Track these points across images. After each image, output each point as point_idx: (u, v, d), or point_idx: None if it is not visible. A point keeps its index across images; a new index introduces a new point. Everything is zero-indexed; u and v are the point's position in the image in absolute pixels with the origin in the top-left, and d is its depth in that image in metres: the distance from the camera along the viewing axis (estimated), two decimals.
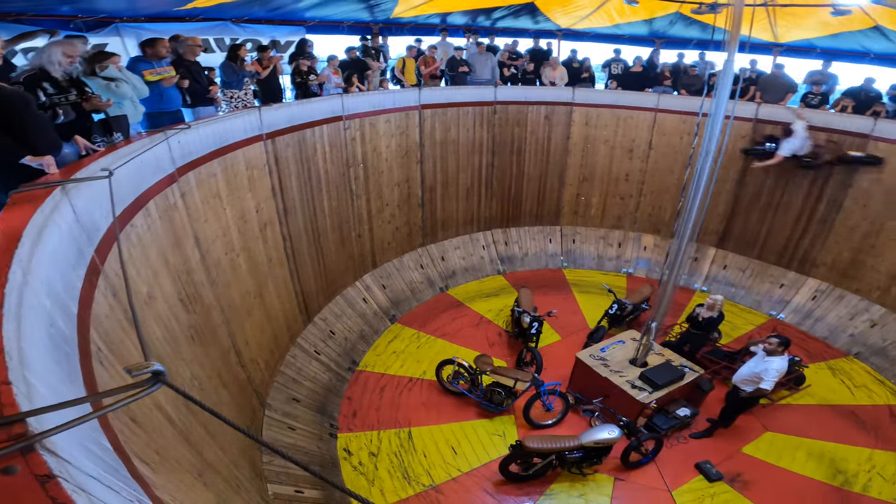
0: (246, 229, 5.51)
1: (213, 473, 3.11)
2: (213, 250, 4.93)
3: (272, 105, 6.04)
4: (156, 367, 1.22)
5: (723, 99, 4.68)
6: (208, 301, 4.75)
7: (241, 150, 5.34)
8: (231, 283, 5.26)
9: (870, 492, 5.43)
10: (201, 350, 4.33)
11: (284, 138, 6.04)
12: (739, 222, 8.85)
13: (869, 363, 7.25)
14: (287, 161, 6.17)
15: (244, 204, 5.45)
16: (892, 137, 7.14)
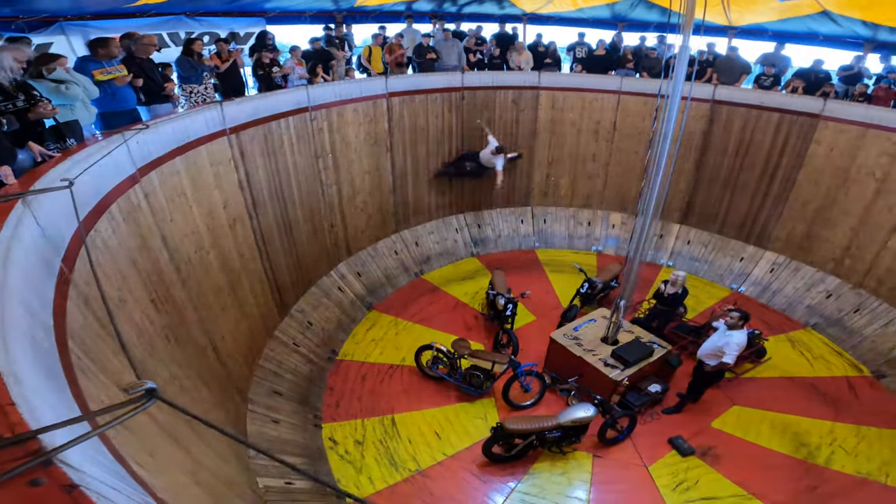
0: (215, 226, 5.43)
1: (204, 471, 3.13)
2: (181, 249, 4.86)
3: (234, 99, 5.90)
4: (149, 384, 1.29)
5: (680, 81, 4.80)
6: (180, 300, 4.69)
7: (205, 146, 5.23)
8: (203, 281, 5.20)
9: (832, 465, 5.64)
10: (178, 349, 4.30)
11: (249, 132, 5.92)
12: (701, 199, 9.21)
13: (826, 334, 7.62)
14: (253, 155, 6.06)
15: (211, 200, 5.36)
16: (840, 117, 7.49)
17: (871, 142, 7.21)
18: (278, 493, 4.59)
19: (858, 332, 7.30)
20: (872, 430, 6.00)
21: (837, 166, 7.61)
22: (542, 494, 5.18)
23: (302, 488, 4.86)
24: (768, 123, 8.17)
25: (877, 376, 6.77)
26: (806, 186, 7.99)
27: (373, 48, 9.02)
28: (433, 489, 5.22)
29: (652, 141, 5.46)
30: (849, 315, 7.56)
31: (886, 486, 5.32)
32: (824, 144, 7.69)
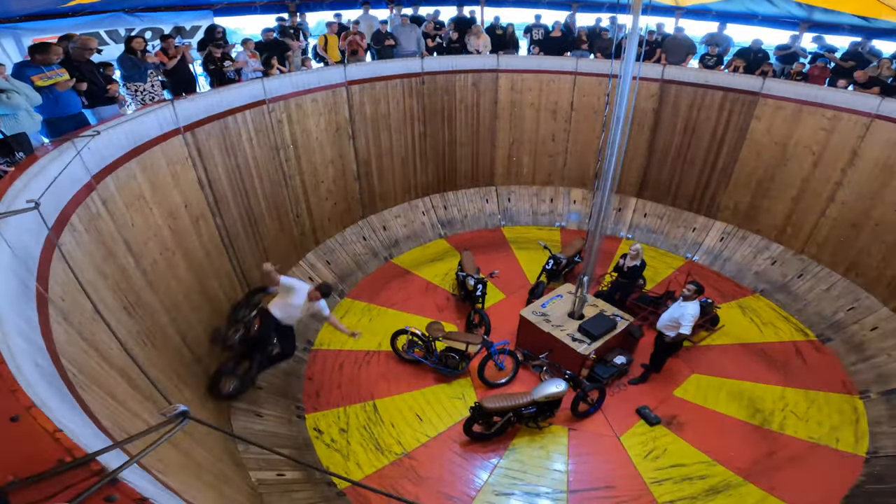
0: (177, 226, 5.35)
1: (206, 472, 3.21)
2: (146, 253, 4.80)
3: (186, 96, 5.73)
4: (181, 407, 1.40)
5: (630, 61, 4.97)
6: (151, 304, 4.66)
7: (159, 146, 5.13)
8: (171, 283, 5.15)
9: (786, 430, 5.92)
10: (156, 353, 4.30)
11: (205, 129, 5.80)
12: (654, 174, 9.67)
13: (773, 300, 8.06)
14: (211, 151, 5.95)
15: (171, 201, 5.28)
16: (778, 95, 7.96)
17: (807, 118, 7.72)
18: (271, 485, 4.70)
19: (803, 297, 7.86)
20: (821, 395, 6.39)
21: (777, 141, 8.13)
22: (524, 469, 5.47)
23: (294, 478, 4.99)
24: (713, 101, 8.60)
25: (822, 340, 7.25)
26: (749, 160, 8.52)
27: (328, 37, 8.81)
28: (419, 470, 5.44)
29: (606, 120, 5.66)
30: (793, 280, 8.10)
31: (837, 450, 5.66)
32: (764, 121, 8.19)
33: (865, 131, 7.16)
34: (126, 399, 2.74)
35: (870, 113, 7.09)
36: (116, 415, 2.32)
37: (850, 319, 7.22)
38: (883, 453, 5.51)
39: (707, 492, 5.21)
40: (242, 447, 5.04)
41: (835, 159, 7.56)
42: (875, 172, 7.11)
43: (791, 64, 8.55)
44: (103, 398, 2.33)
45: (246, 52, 7.58)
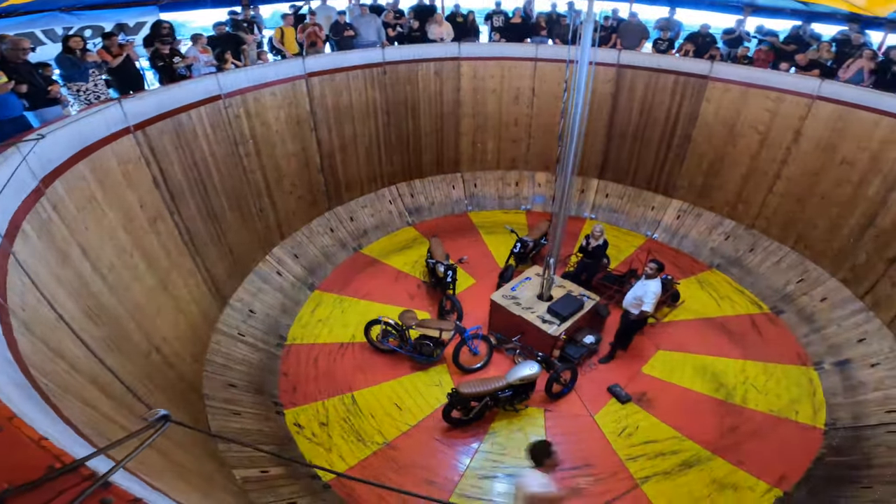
0: (133, 227, 5.17)
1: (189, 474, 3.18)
2: (103, 256, 4.62)
3: (134, 94, 5.50)
4: (161, 412, 1.42)
5: (587, 47, 5.07)
6: (114, 309, 4.53)
7: (109, 146, 4.93)
8: (131, 285, 4.99)
9: (748, 403, 6.15)
10: (124, 358, 4.17)
11: (157, 126, 5.61)
12: (614, 155, 9.97)
13: (729, 274, 8.45)
14: (164, 149, 5.75)
15: (125, 202, 5.09)
16: (725, 77, 8.31)
17: (753, 99, 8.12)
18: (256, 483, 4.69)
19: (755, 271, 8.31)
20: (778, 368, 6.69)
21: (726, 122, 8.53)
22: (504, 451, 5.63)
23: (278, 474, 4.99)
24: (666, 85, 8.92)
25: (775, 312, 7.63)
26: (700, 141, 8.91)
27: (285, 29, 8.57)
28: (402, 459, 5.53)
29: (566, 104, 5.78)
30: (745, 254, 8.55)
31: (797, 422, 5.95)
32: (713, 103, 8.55)
33: (807, 112, 7.61)
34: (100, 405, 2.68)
35: (811, 94, 7.52)
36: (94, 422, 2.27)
37: (800, 291, 7.68)
38: (840, 425, 5.85)
39: (680, 466, 5.46)
40: (224, 447, 4.99)
41: (780, 138, 8.00)
42: (817, 150, 7.58)
43: (737, 48, 8.94)
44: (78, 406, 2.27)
45: (197, 47, 7.35)
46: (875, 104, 6.87)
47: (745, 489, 5.25)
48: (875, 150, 6.92)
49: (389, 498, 5.13)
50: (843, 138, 7.27)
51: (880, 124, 6.83)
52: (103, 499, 1.13)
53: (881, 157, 6.87)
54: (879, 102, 6.82)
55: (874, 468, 5.14)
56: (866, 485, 4.95)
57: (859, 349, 6.62)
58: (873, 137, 6.92)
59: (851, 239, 7.24)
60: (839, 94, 7.27)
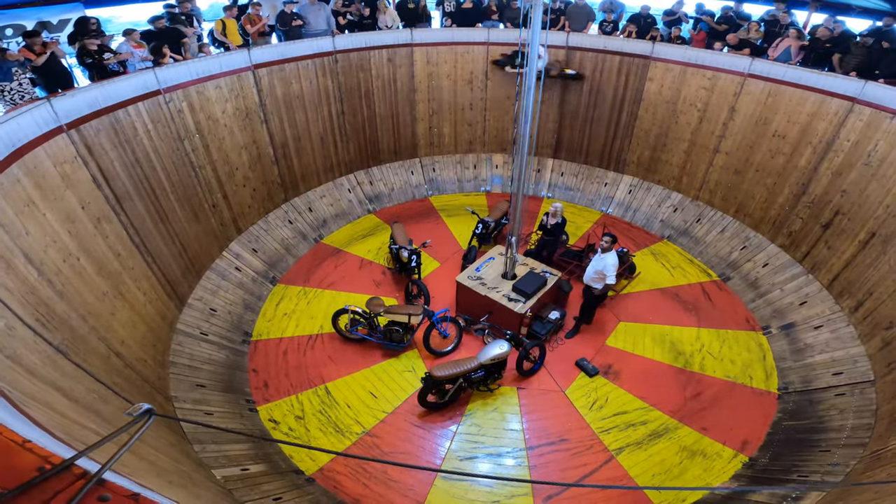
0: (77, 230, 4.92)
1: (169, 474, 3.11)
2: (48, 261, 4.40)
3: (64, 93, 5.18)
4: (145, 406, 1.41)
5: (537, 30, 5.20)
6: (65, 314, 4.32)
7: (41, 147, 4.67)
8: (81, 290, 4.77)
9: (706, 371, 6.41)
10: (82, 363, 3.98)
11: (92, 125, 5.33)
12: (567, 135, 10.26)
13: (679, 244, 8.88)
14: (102, 148, 5.46)
15: (65, 204, 4.83)
16: (666, 58, 8.72)
17: (691, 78, 8.56)
18: (238, 481, 4.62)
19: (702, 240, 8.80)
20: (730, 333, 7.03)
21: (668, 100, 8.96)
22: (482, 431, 5.78)
23: (259, 471, 4.94)
24: (612, 65, 9.24)
25: (723, 279, 8.09)
26: (646, 118, 9.32)
27: (226, 21, 8.19)
28: (383, 446, 5.59)
29: (519, 87, 5.89)
30: (692, 225, 9.04)
31: (753, 388, 6.28)
32: (656, 81, 8.96)
33: (740, 89, 8.11)
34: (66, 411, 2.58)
35: (742, 72, 8.01)
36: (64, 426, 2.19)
37: (744, 258, 8.22)
38: (792, 389, 6.24)
39: (650, 436, 5.73)
40: (199, 447, 4.89)
41: (716, 114, 8.50)
42: (751, 124, 8.11)
43: (679, 27, 9.34)
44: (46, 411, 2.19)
45: (129, 42, 6.98)
46: (802, 81, 7.40)
47: (714, 456, 5.56)
48: (804, 124, 7.47)
49: (375, 487, 5.19)
50: (774, 112, 7.80)
51: (808, 99, 7.37)
52: (101, 496, 1.13)
53: (810, 129, 7.42)
54: (806, 79, 7.36)
55: (829, 432, 5.47)
56: (824, 448, 5.26)
57: (802, 312, 7.10)
58: (802, 111, 7.46)
59: (787, 207, 7.83)
60: (768, 71, 7.78)
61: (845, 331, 6.53)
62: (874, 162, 6.67)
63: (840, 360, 6.32)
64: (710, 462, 5.54)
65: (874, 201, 6.61)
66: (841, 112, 7.03)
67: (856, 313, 6.57)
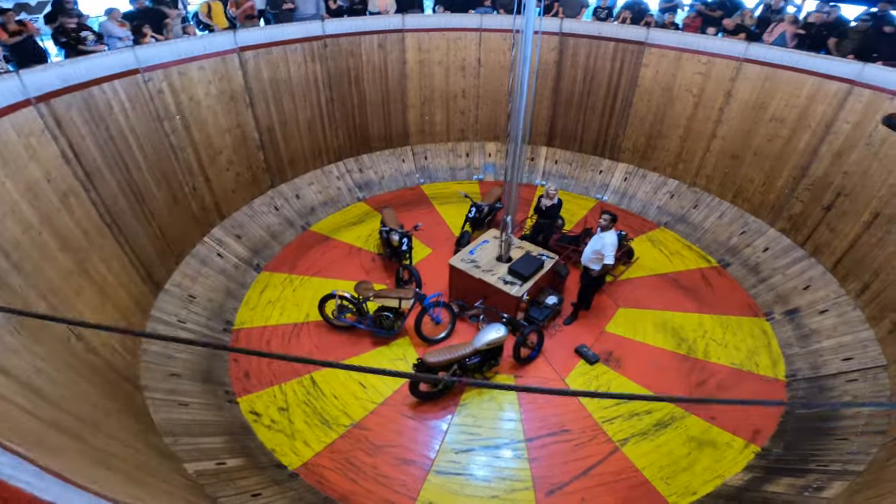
0: (40, 203, 4.58)
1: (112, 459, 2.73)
2: (4, 231, 4.08)
3: (36, 67, 4.94)
4: None
5: (531, 16, 5.05)
6: (19, 287, 3.93)
7: (7, 118, 4.41)
8: (42, 264, 4.40)
9: (710, 357, 6.20)
10: (34, 343, 3.62)
11: (63, 99, 5.03)
12: (561, 122, 10.05)
13: (676, 231, 8.66)
14: (73, 123, 5.15)
15: (28, 175, 4.51)
16: (660, 43, 8.56)
17: (686, 64, 8.40)
18: (212, 476, 4.23)
19: (700, 226, 8.61)
20: (732, 319, 6.81)
21: (663, 86, 8.80)
22: (478, 423, 5.45)
23: (236, 465, 4.56)
24: (606, 51, 9.06)
25: (723, 265, 7.86)
26: (641, 104, 9.14)
27: (212, 4, 7.96)
28: (372, 439, 5.24)
29: (512, 73, 5.72)
30: (690, 211, 8.85)
31: (759, 375, 6.05)
32: (651, 67, 8.80)
33: (736, 73, 7.96)
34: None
35: (738, 57, 7.87)
36: None
37: (744, 243, 8.02)
38: (801, 376, 6.00)
39: (655, 426, 5.44)
40: (170, 440, 4.50)
41: (712, 100, 8.34)
42: (748, 109, 7.95)
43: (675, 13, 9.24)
44: None
45: (112, 21, 6.75)
46: (799, 64, 7.27)
47: (724, 446, 5.27)
48: (802, 107, 7.33)
49: (364, 482, 4.85)
50: (771, 97, 7.66)
51: (806, 82, 7.23)
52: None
53: (808, 112, 7.28)
54: (804, 62, 7.22)
55: (844, 419, 5.21)
56: (841, 436, 5.03)
57: (806, 296, 6.89)
58: (801, 95, 7.32)
59: (787, 190, 7.67)
60: (765, 55, 7.65)
61: (852, 314, 6.32)
62: (875, 142, 6.52)
63: (849, 344, 6.09)
64: (720, 452, 5.25)
65: (877, 181, 6.45)
66: (840, 94, 6.90)
67: (862, 296, 6.36)
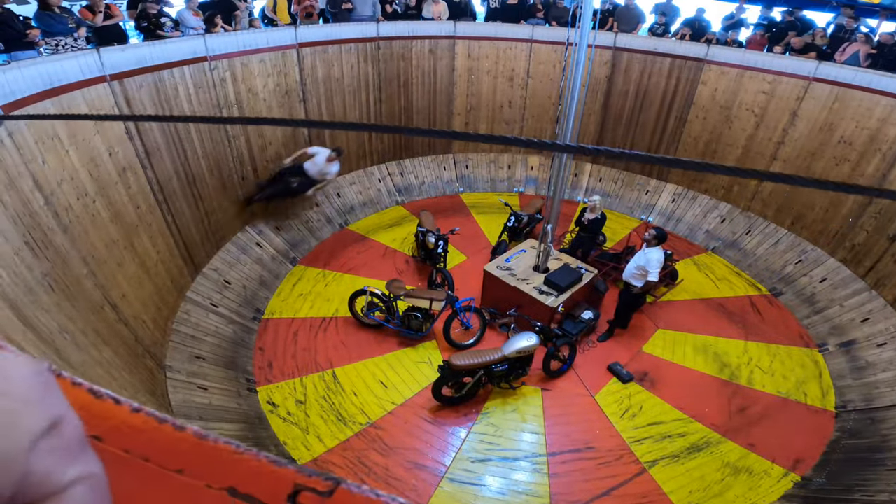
0: (100, 174, 4.77)
1: None
2: (59, 194, 4.23)
3: (114, 46, 5.24)
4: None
5: (585, 29, 4.99)
6: (64, 249, 4.10)
7: (80, 91, 4.65)
8: (90, 231, 4.58)
9: (754, 385, 5.94)
10: (66, 302, 3.74)
11: (136, 80, 5.29)
12: (608, 138, 9.79)
13: (725, 256, 8.27)
14: (141, 102, 5.41)
15: (92, 146, 4.72)
16: (721, 60, 8.26)
17: (749, 82, 8.04)
18: None
19: (752, 253, 8.12)
20: (781, 349, 6.49)
21: (721, 105, 8.43)
22: (498, 433, 5.23)
23: None
24: (662, 68, 8.81)
25: (774, 294, 7.46)
26: (696, 123, 8.78)
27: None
28: (387, 440, 5.10)
29: (563, 86, 5.63)
30: (742, 237, 8.37)
31: (808, 405, 5.72)
32: (709, 85, 8.47)
33: (804, 93, 7.53)
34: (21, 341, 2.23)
35: (807, 76, 7.46)
36: None
37: (799, 272, 7.50)
38: (852, 407, 5.63)
39: (688, 450, 5.15)
40: (182, 422, 4.49)
41: (776, 120, 7.91)
42: (814, 131, 7.49)
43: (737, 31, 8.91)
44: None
45: (189, 10, 7.18)
46: (873, 84, 6.83)
47: (761, 474, 4.94)
48: (874, 129, 6.85)
49: (373, 483, 4.64)
50: (841, 118, 7.20)
51: (879, 103, 6.78)
52: None
53: (879, 136, 6.80)
54: (877, 83, 6.78)
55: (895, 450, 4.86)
56: (891, 467, 4.68)
57: (864, 329, 6.40)
58: (872, 116, 6.87)
59: (851, 218, 7.10)
60: (836, 75, 7.22)
61: None
62: None
63: None
64: (756, 480, 4.86)
65: None
66: None
67: None
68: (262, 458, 0.40)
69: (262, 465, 0.40)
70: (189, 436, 0.42)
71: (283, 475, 0.39)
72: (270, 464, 0.40)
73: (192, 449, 0.41)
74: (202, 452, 0.40)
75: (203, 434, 0.42)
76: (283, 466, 0.40)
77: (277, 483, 0.39)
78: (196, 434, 0.42)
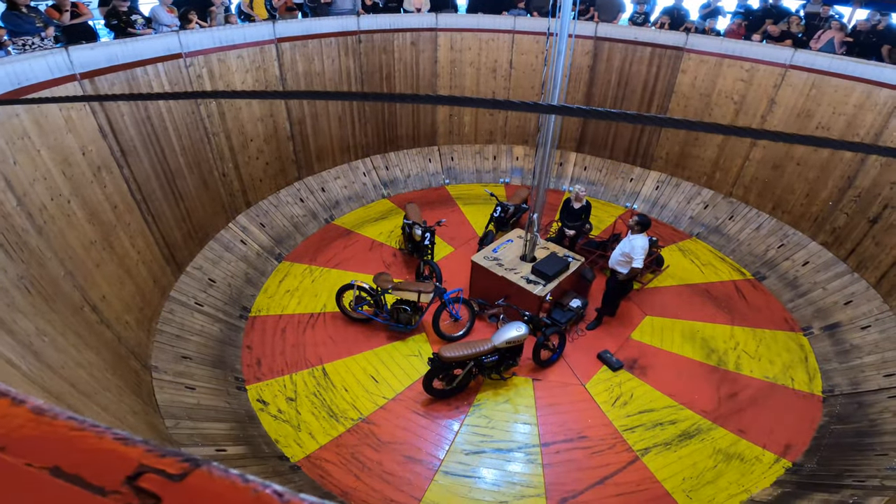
0: (73, 173, 4.65)
1: None
2: (32, 194, 4.12)
3: (84, 44, 5.09)
4: None
5: (566, 19, 4.98)
6: (40, 251, 3.98)
7: (50, 90, 4.53)
8: (66, 232, 4.46)
9: (742, 370, 5.98)
10: (43, 304, 3.63)
11: (107, 77, 5.17)
12: (592, 128, 9.85)
13: (709, 242, 8.36)
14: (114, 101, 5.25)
15: (64, 145, 4.59)
16: (700, 49, 8.34)
17: (728, 70, 8.13)
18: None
19: (735, 238, 8.24)
20: (767, 333, 6.55)
21: (701, 93, 8.51)
22: (491, 424, 5.24)
23: (236, 454, 4.46)
24: (643, 57, 8.86)
25: (758, 278, 7.55)
26: (677, 111, 8.85)
27: None
28: (380, 435, 5.08)
29: (546, 76, 5.58)
30: (725, 222, 8.49)
31: (795, 390, 5.77)
32: (689, 74, 8.54)
33: (781, 80, 7.64)
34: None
35: (784, 64, 7.56)
36: None
37: (782, 256, 7.62)
38: (839, 391, 5.71)
39: (680, 437, 5.19)
40: (171, 422, 4.45)
41: (754, 107, 8.01)
42: (792, 117, 7.61)
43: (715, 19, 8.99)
44: None
45: (163, 6, 6.98)
46: (849, 71, 6.94)
47: (752, 460, 5.01)
48: (850, 115, 6.99)
49: (367, 479, 4.68)
50: (818, 104, 7.32)
51: (855, 90, 6.90)
52: None
53: (856, 121, 6.94)
54: (853, 69, 6.90)
55: (885, 434, 4.94)
56: (880, 452, 4.75)
57: (847, 312, 6.51)
58: (849, 102, 6.99)
59: (831, 201, 7.25)
60: (812, 62, 7.34)
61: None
62: None
63: (892, 360, 5.70)
64: (748, 466, 4.93)
65: None
66: (890, 102, 6.55)
67: None
68: (106, 435, 0.36)
69: (103, 442, 0.35)
70: (25, 410, 0.37)
71: (126, 454, 0.35)
72: (116, 441, 0.35)
73: (25, 424, 0.36)
74: (35, 428, 0.36)
75: (43, 408, 0.37)
76: (132, 445, 0.35)
77: (117, 463, 0.34)
78: (34, 408, 0.37)
